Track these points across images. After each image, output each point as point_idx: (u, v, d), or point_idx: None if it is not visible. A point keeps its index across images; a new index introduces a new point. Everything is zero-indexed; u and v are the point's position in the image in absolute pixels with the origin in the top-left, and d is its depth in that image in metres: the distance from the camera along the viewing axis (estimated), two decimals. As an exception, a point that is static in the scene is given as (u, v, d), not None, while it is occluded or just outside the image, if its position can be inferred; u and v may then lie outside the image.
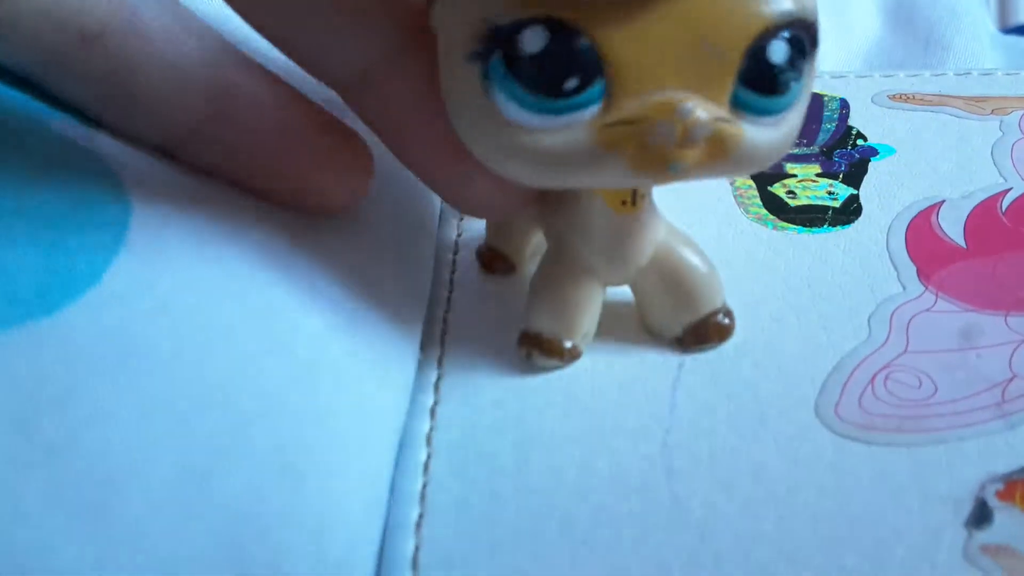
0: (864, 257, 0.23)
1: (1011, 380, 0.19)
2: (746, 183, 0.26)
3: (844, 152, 0.27)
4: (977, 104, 0.30)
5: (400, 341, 0.19)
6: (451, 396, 0.19)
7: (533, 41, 0.14)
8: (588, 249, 0.19)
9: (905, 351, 0.20)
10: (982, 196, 0.25)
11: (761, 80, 0.15)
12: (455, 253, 0.23)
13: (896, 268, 0.22)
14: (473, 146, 0.16)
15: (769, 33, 0.14)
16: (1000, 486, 0.17)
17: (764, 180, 0.26)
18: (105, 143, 0.16)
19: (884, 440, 0.18)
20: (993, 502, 0.16)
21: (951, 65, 0.36)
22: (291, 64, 0.17)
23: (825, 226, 0.24)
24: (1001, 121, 0.28)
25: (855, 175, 0.26)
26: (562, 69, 0.14)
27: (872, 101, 0.30)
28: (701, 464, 0.17)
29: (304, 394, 0.16)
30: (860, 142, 0.28)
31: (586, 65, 0.14)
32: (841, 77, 0.32)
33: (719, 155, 0.15)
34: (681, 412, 0.19)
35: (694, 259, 0.19)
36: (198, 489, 0.13)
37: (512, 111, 0.15)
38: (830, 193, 0.25)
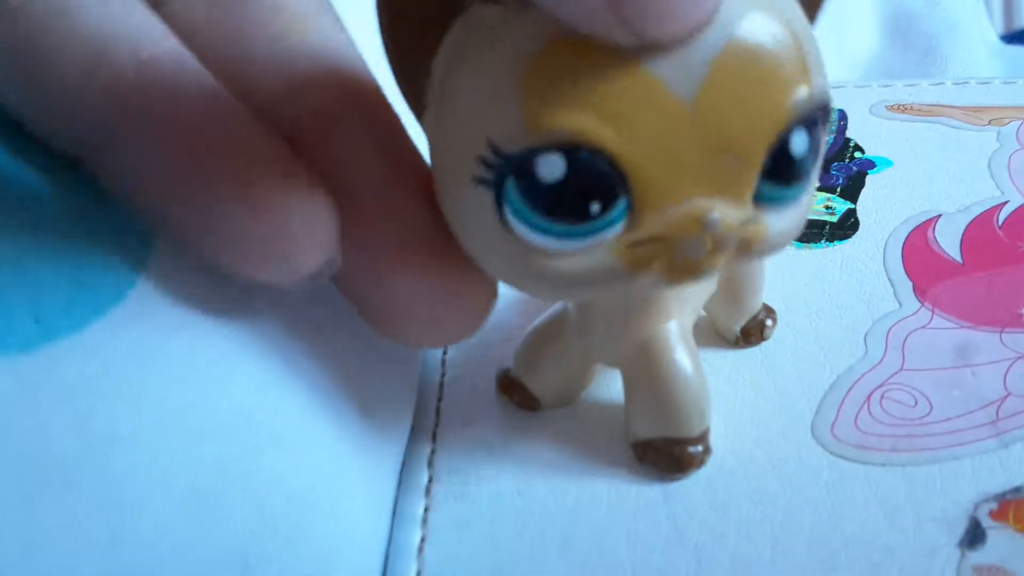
0: (861, 273, 0.23)
1: (1006, 398, 0.19)
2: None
3: (842, 165, 0.27)
4: (975, 114, 0.30)
5: (402, 364, 0.19)
6: (452, 419, 0.19)
7: (550, 169, 0.13)
8: (575, 318, 0.18)
9: (901, 369, 0.20)
10: (979, 210, 0.25)
11: (784, 173, 0.14)
12: None
13: (892, 284, 0.23)
14: (486, 267, 0.15)
15: (790, 128, 0.13)
16: (994, 506, 0.17)
17: (762, 195, 0.26)
18: None
19: (879, 460, 0.18)
20: (986, 522, 0.17)
21: (949, 76, 0.36)
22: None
23: (822, 241, 0.24)
24: (998, 132, 0.29)
25: (853, 189, 0.26)
26: (585, 195, 0.13)
27: (870, 112, 0.30)
28: (699, 486, 0.18)
29: (314, 419, 0.16)
30: (858, 155, 0.28)
31: (609, 187, 0.13)
32: (839, 87, 0.32)
33: (746, 252, 0.14)
34: (679, 433, 0.19)
35: (684, 373, 0.18)
36: (208, 513, 0.14)
37: (531, 237, 0.13)
38: (828, 208, 0.26)
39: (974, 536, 0.16)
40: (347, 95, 0.16)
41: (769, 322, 0.21)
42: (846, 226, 0.25)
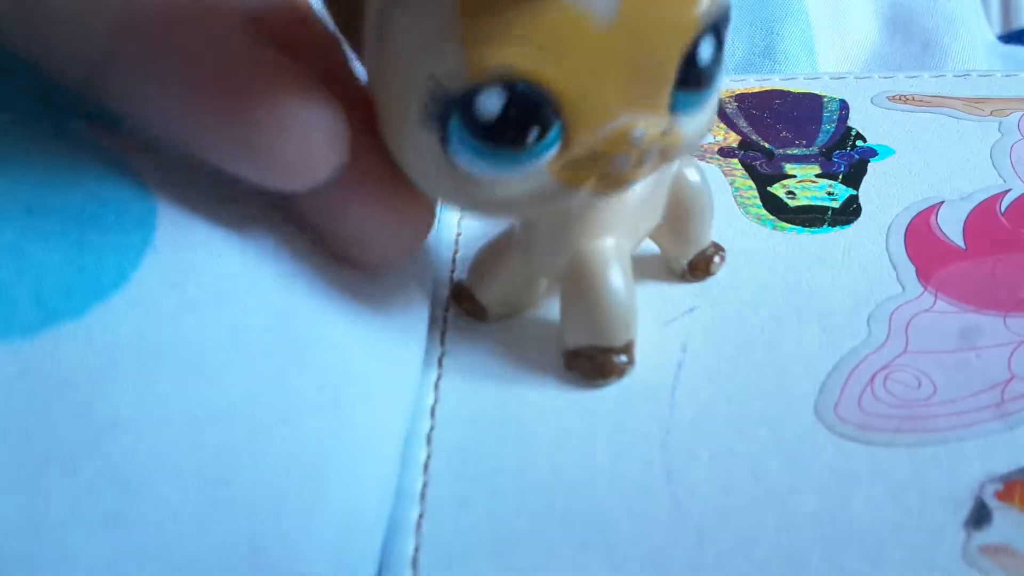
0: (863, 257, 0.23)
1: (1010, 380, 0.19)
2: (746, 183, 0.26)
3: (843, 153, 0.27)
4: (976, 105, 0.30)
5: (407, 344, 0.19)
6: (451, 395, 0.19)
7: (491, 103, 0.14)
8: (520, 234, 0.19)
9: (904, 351, 0.20)
10: (981, 197, 0.25)
11: (695, 80, 0.15)
12: (455, 252, 0.23)
13: (895, 268, 0.22)
14: (432, 195, 0.16)
15: (699, 36, 0.14)
16: (999, 486, 0.17)
17: (764, 181, 0.26)
18: (127, 144, 0.16)
19: (883, 440, 0.18)
20: (992, 502, 0.16)
21: (949, 70, 0.36)
22: None
23: (824, 226, 0.24)
24: (1000, 123, 0.28)
25: (854, 176, 0.26)
26: (524, 124, 0.14)
27: (871, 102, 0.30)
28: (701, 465, 0.17)
29: (323, 401, 0.16)
30: (859, 143, 0.28)
31: (545, 114, 0.14)
32: (841, 78, 0.32)
33: (665, 158, 0.16)
34: (681, 412, 0.19)
35: (612, 286, 0.18)
36: (217, 495, 0.13)
37: (475, 168, 0.15)
38: (829, 194, 0.25)
39: (980, 516, 0.16)
40: (301, 27, 0.16)
41: (717, 258, 0.22)
42: (848, 212, 0.25)
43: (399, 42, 0.14)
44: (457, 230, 0.24)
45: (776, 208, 0.25)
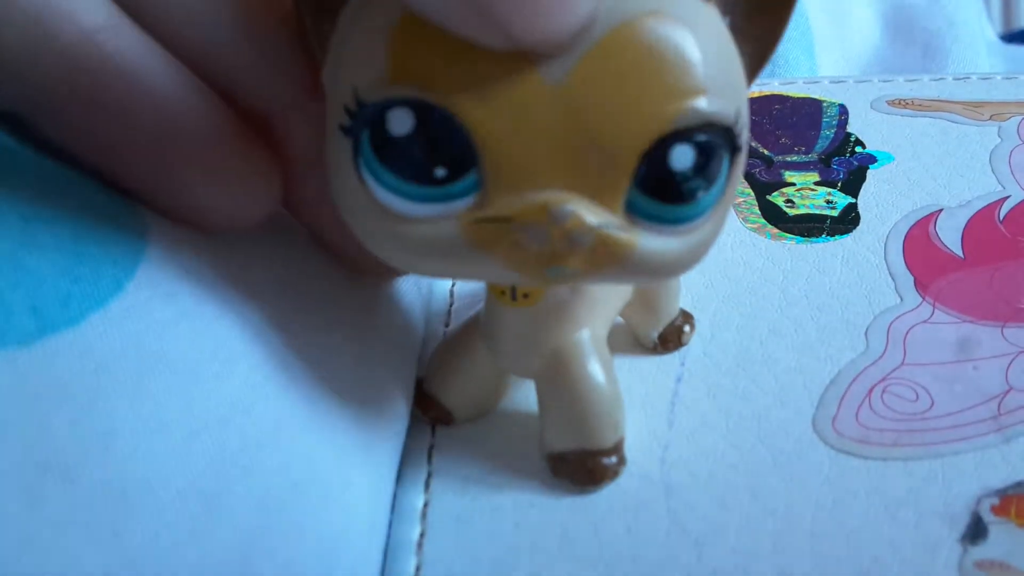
0: (862, 268, 0.23)
1: (1007, 393, 0.19)
2: (744, 191, 0.26)
3: (842, 160, 0.27)
4: (975, 109, 0.30)
5: (402, 357, 0.19)
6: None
7: (400, 123, 0.13)
8: (485, 330, 0.18)
9: (902, 363, 0.20)
10: (980, 204, 0.25)
11: (660, 188, 0.13)
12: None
13: (894, 279, 0.22)
14: (349, 222, 0.14)
15: (672, 138, 0.13)
16: (995, 501, 0.17)
17: (762, 189, 0.26)
18: None
19: (880, 455, 0.18)
20: (988, 517, 0.16)
21: (949, 72, 0.36)
22: None
23: (823, 236, 0.24)
24: (999, 127, 0.28)
25: (853, 183, 0.26)
26: (430, 156, 0.13)
27: (871, 107, 0.30)
28: (699, 480, 0.18)
29: (310, 411, 0.16)
30: (859, 149, 0.28)
31: (457, 154, 0.13)
32: (840, 82, 0.32)
33: (608, 263, 0.13)
34: (679, 427, 0.19)
35: (596, 384, 0.17)
36: (209, 507, 0.14)
37: (381, 194, 0.13)
38: (828, 202, 0.25)
39: (976, 531, 0.16)
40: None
41: (687, 328, 0.21)
42: (847, 220, 0.25)
43: (341, 53, 0.14)
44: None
45: (775, 217, 0.25)
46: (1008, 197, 0.25)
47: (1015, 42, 0.42)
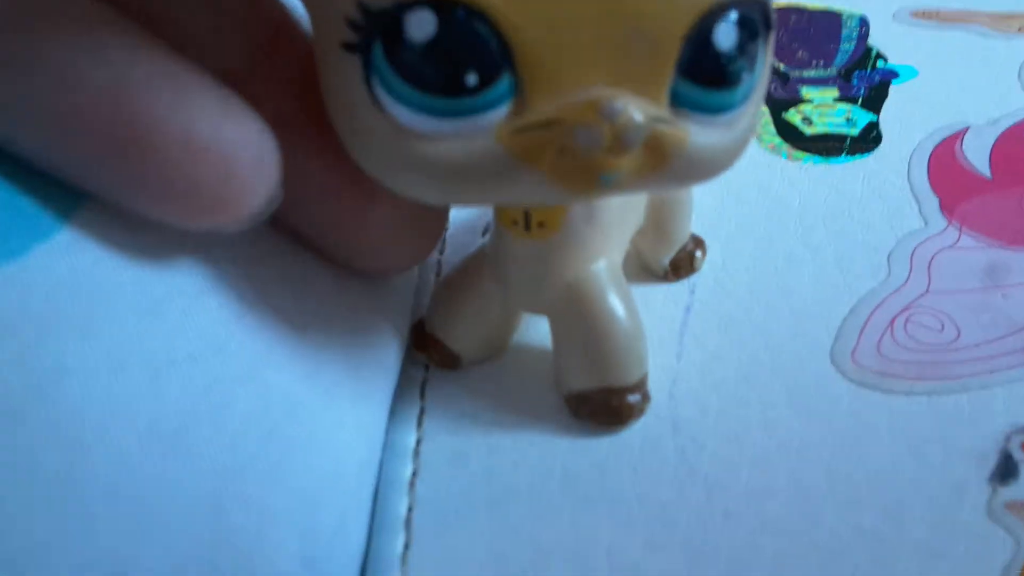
0: (884, 189, 0.22)
1: (1039, 323, 0.18)
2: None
3: (863, 74, 0.26)
4: (1004, 21, 0.28)
5: (395, 294, 0.18)
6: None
7: (419, 28, 0.11)
8: (494, 264, 0.17)
9: (927, 291, 0.19)
10: (1008, 122, 0.24)
11: (706, 72, 0.12)
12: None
13: (918, 201, 0.21)
14: (359, 156, 0.13)
15: (713, 15, 0.12)
16: (1026, 438, 0.16)
17: (778, 106, 0.25)
18: None
19: (903, 388, 0.17)
20: (1018, 455, 0.16)
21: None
22: None
23: (843, 156, 0.23)
24: (1030, 40, 0.27)
25: (875, 100, 0.25)
26: (458, 62, 0.11)
27: (893, 18, 0.28)
28: (709, 416, 0.16)
29: (292, 347, 0.15)
30: (880, 63, 0.26)
31: (488, 57, 0.11)
32: (860, -8, 0.30)
33: (659, 163, 0.12)
34: (688, 360, 0.18)
35: (617, 317, 0.16)
36: (172, 452, 0.13)
37: (402, 114, 0.12)
38: (848, 120, 0.24)
39: (1006, 470, 0.15)
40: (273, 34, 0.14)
41: (699, 253, 0.20)
42: (868, 139, 0.23)
43: None
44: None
45: (791, 136, 0.23)
46: (1039, 114, 0.24)
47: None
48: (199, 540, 0.13)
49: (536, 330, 0.18)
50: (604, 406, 0.16)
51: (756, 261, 0.20)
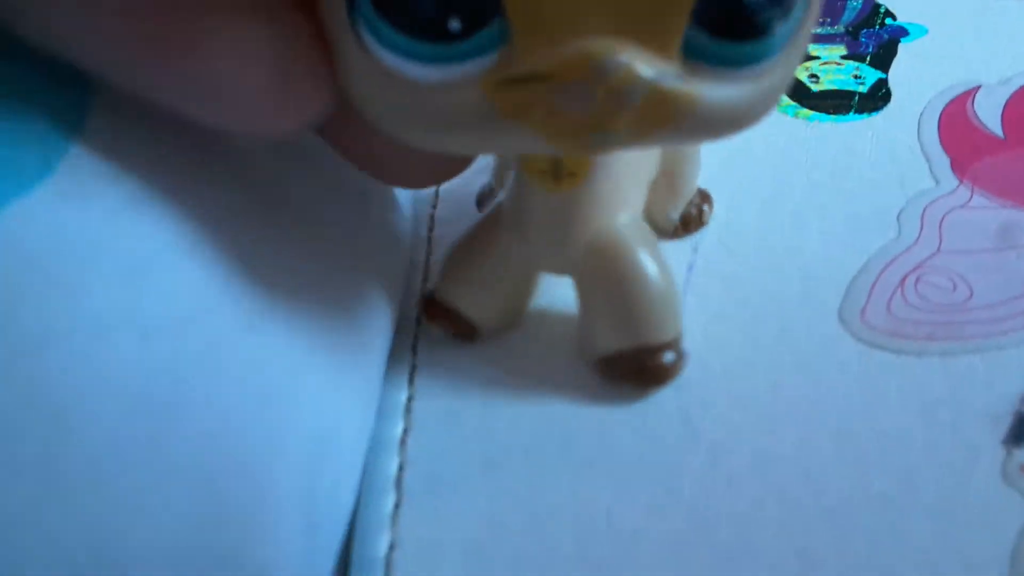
0: (893, 148, 0.21)
1: (1054, 283, 0.17)
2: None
3: (871, 32, 0.25)
4: (1016, -21, 0.27)
5: (387, 251, 0.17)
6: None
7: None
8: (514, 221, 0.16)
9: (938, 251, 0.18)
10: (1021, 81, 0.23)
11: (726, 21, 0.11)
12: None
13: (928, 160, 0.21)
14: (351, 96, 0.12)
15: None
16: (1042, 400, 0.15)
17: (784, 63, 0.24)
18: None
19: (915, 349, 0.16)
20: (1034, 417, 0.15)
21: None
22: None
23: (851, 113, 0.22)
24: (1044, -2, 0.26)
25: (883, 57, 0.24)
26: (440, 3, 0.10)
27: (902, -25, 0.28)
28: (714, 377, 0.16)
29: (286, 307, 0.14)
30: (889, 21, 0.26)
31: (474, 0, 0.10)
32: (868, -51, 0.29)
33: (664, 122, 0.11)
34: (692, 319, 0.17)
35: (649, 271, 0.15)
36: (162, 420, 0.12)
37: (386, 58, 0.11)
38: (856, 77, 0.23)
39: (1020, 432, 0.15)
40: None
41: (706, 207, 0.19)
42: (877, 97, 0.22)
43: None
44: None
45: (798, 93, 0.23)
46: (1053, 73, 0.23)
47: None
48: (193, 513, 0.12)
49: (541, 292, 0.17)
50: (639, 366, 0.15)
51: (762, 219, 0.19)
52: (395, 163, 0.14)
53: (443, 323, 0.17)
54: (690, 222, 0.19)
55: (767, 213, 0.19)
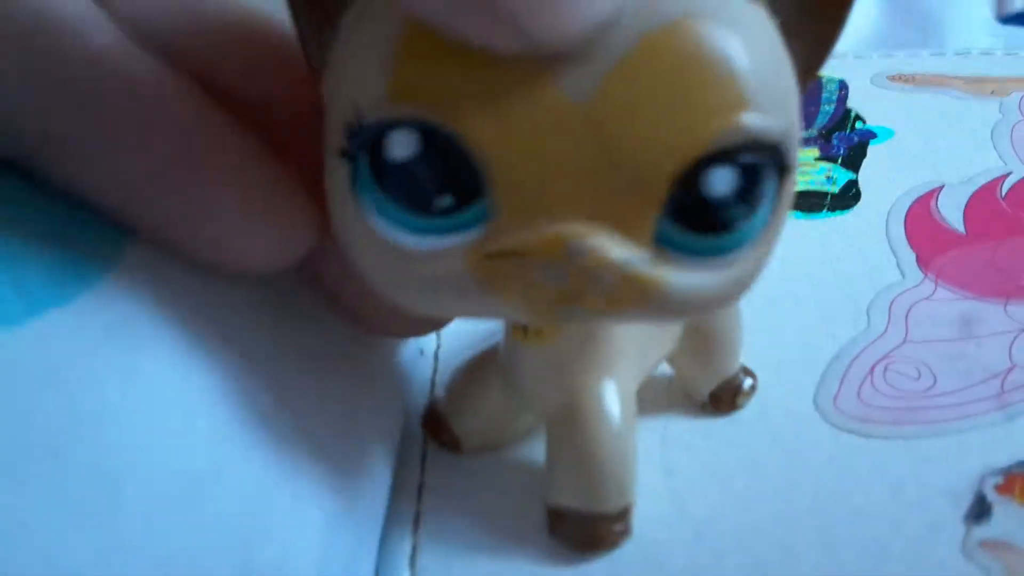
0: (863, 244, 0.23)
1: (1010, 370, 0.19)
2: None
3: (843, 135, 0.27)
4: (976, 85, 0.30)
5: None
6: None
7: (402, 146, 0.11)
8: (501, 361, 0.17)
9: (904, 341, 0.20)
10: (982, 180, 0.25)
11: (694, 216, 0.11)
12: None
13: (895, 255, 0.22)
14: (347, 253, 0.13)
15: (710, 159, 0.11)
16: (999, 479, 0.16)
17: (762, 164, 0.26)
18: None
19: (883, 433, 0.18)
20: (992, 496, 0.16)
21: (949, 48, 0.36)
22: None
23: (824, 212, 0.24)
24: (1000, 103, 0.28)
25: (854, 159, 0.26)
26: (434, 183, 0.11)
27: (871, 82, 0.30)
28: (699, 458, 0.17)
29: (313, 387, 0.15)
30: (859, 124, 0.27)
31: (464, 181, 0.11)
32: (840, 57, 0.32)
33: (634, 303, 0.12)
34: (680, 402, 0.18)
35: (606, 444, 0.15)
36: (202, 489, 0.13)
37: (380, 225, 0.12)
38: (829, 178, 0.25)
39: (980, 510, 0.16)
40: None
41: (747, 385, 0.18)
42: (848, 196, 0.24)
43: (342, 66, 0.12)
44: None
45: (775, 193, 0.24)
46: (1010, 173, 0.25)
47: (1012, 24, 0.41)
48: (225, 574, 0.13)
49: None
50: (580, 529, 0.16)
51: (742, 309, 0.20)
52: (379, 317, 0.16)
53: (437, 432, 0.18)
54: (722, 401, 0.18)
55: (746, 302, 0.20)
